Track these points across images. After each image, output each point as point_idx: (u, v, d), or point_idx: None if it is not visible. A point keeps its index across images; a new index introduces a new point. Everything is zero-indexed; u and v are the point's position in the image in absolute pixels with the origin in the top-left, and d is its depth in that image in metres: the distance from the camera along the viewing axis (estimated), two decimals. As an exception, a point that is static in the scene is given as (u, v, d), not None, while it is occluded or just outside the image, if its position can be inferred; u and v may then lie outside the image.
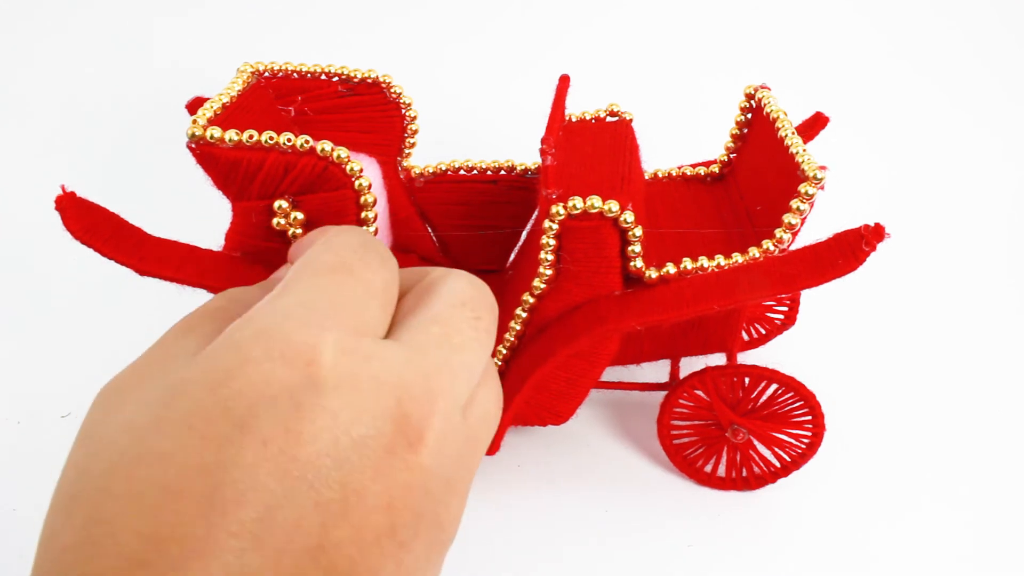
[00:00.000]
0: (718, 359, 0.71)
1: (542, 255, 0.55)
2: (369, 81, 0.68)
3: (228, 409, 0.19)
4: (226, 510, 0.18)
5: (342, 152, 0.54)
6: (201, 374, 0.20)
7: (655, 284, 0.54)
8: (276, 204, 0.56)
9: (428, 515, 0.21)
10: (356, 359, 0.20)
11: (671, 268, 0.54)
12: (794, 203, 0.53)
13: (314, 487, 0.19)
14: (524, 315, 0.58)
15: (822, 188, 0.53)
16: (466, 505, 0.23)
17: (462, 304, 0.24)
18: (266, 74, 0.67)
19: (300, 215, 0.56)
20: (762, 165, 0.63)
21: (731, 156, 0.69)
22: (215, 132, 0.54)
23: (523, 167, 0.71)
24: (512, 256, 0.75)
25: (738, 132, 0.68)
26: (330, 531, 0.19)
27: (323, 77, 0.67)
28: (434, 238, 0.75)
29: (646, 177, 0.71)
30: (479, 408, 0.24)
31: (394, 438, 0.20)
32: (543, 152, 0.55)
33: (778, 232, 0.54)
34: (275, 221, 0.56)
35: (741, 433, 0.61)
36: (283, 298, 0.21)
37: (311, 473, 0.19)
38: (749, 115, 0.67)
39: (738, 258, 0.54)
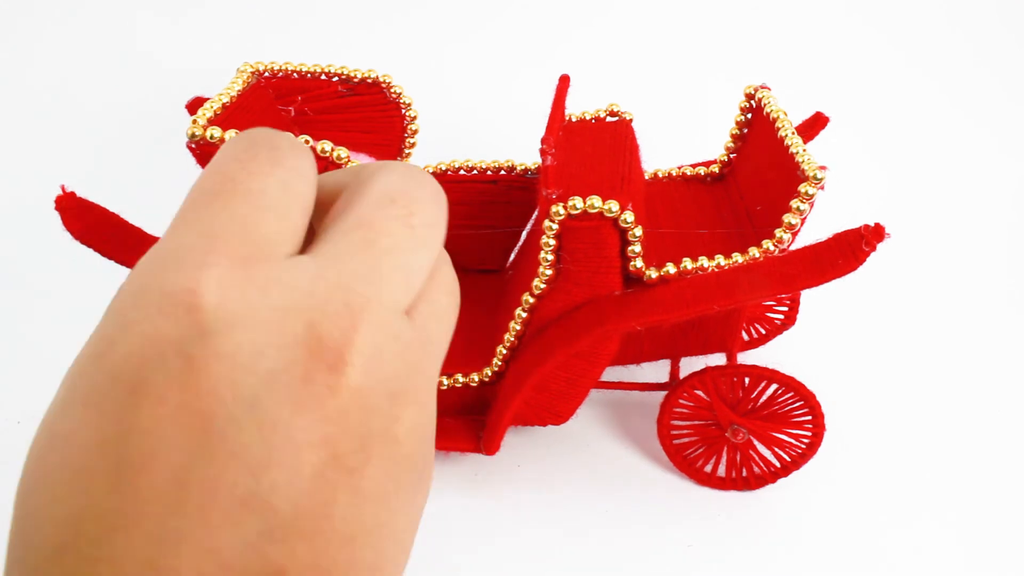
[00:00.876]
0: (718, 359, 0.70)
1: (542, 255, 0.55)
2: (369, 81, 0.68)
3: (116, 377, 0.18)
4: (135, 478, 0.17)
5: (342, 152, 0.54)
6: (89, 348, 0.19)
7: (655, 284, 0.54)
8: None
9: (377, 434, 0.19)
10: (245, 290, 0.18)
11: (671, 268, 0.54)
12: (794, 203, 0.53)
13: (227, 436, 0.17)
14: (524, 315, 0.58)
15: (822, 188, 0.53)
16: (430, 414, 0.21)
17: (391, 201, 0.21)
18: (266, 74, 0.67)
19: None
20: (762, 165, 0.63)
21: (731, 156, 0.69)
22: (215, 132, 0.54)
23: (523, 167, 0.71)
24: (512, 256, 0.75)
25: (738, 132, 0.68)
26: (259, 477, 0.17)
27: (323, 77, 0.67)
28: (434, 238, 0.75)
29: (646, 177, 0.70)
30: (429, 307, 0.21)
31: (309, 365, 0.18)
32: (543, 152, 0.55)
33: (778, 232, 0.54)
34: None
35: (741, 433, 0.61)
36: (160, 244, 0.19)
37: (220, 423, 0.17)
38: (749, 115, 0.67)
39: (738, 258, 0.54)
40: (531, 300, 0.58)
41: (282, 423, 0.18)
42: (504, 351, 0.61)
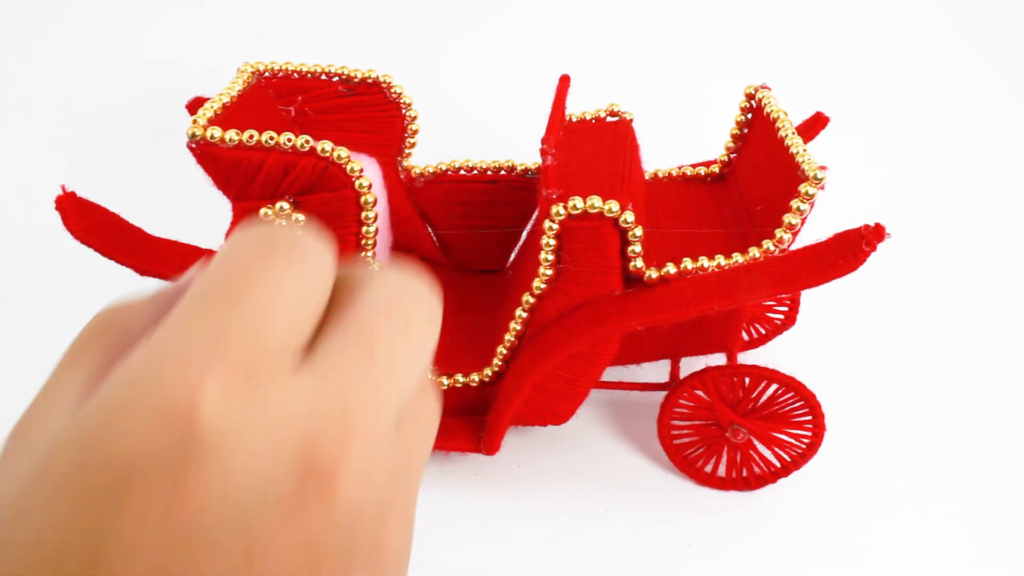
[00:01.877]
0: (718, 359, 0.71)
1: (542, 255, 0.55)
2: (369, 81, 0.68)
3: (104, 472, 0.17)
4: (112, 574, 0.17)
5: (342, 152, 0.54)
6: (77, 432, 0.18)
7: (655, 284, 0.54)
8: (277, 206, 0.56)
9: (363, 543, 0.19)
10: (246, 402, 0.18)
11: (671, 268, 0.54)
12: (794, 203, 0.53)
13: (209, 550, 0.17)
14: (524, 315, 0.58)
15: (822, 188, 0.53)
16: (415, 514, 0.22)
17: (388, 310, 0.21)
18: (266, 74, 0.67)
19: (301, 216, 0.56)
20: (762, 165, 0.63)
21: (731, 156, 0.69)
22: (215, 132, 0.54)
23: (523, 167, 0.71)
24: (512, 256, 0.75)
25: (738, 132, 0.68)
26: None
27: (323, 77, 0.67)
28: (434, 238, 0.75)
29: (646, 177, 0.71)
30: (413, 423, 0.21)
31: (302, 481, 0.18)
32: (543, 152, 0.55)
33: (778, 232, 0.54)
34: (276, 222, 0.56)
35: (741, 433, 0.61)
36: (161, 337, 0.18)
37: (204, 534, 0.17)
38: (749, 115, 0.67)
39: (738, 258, 0.54)
40: (531, 300, 0.58)
41: (268, 539, 0.17)
42: (504, 351, 0.61)
